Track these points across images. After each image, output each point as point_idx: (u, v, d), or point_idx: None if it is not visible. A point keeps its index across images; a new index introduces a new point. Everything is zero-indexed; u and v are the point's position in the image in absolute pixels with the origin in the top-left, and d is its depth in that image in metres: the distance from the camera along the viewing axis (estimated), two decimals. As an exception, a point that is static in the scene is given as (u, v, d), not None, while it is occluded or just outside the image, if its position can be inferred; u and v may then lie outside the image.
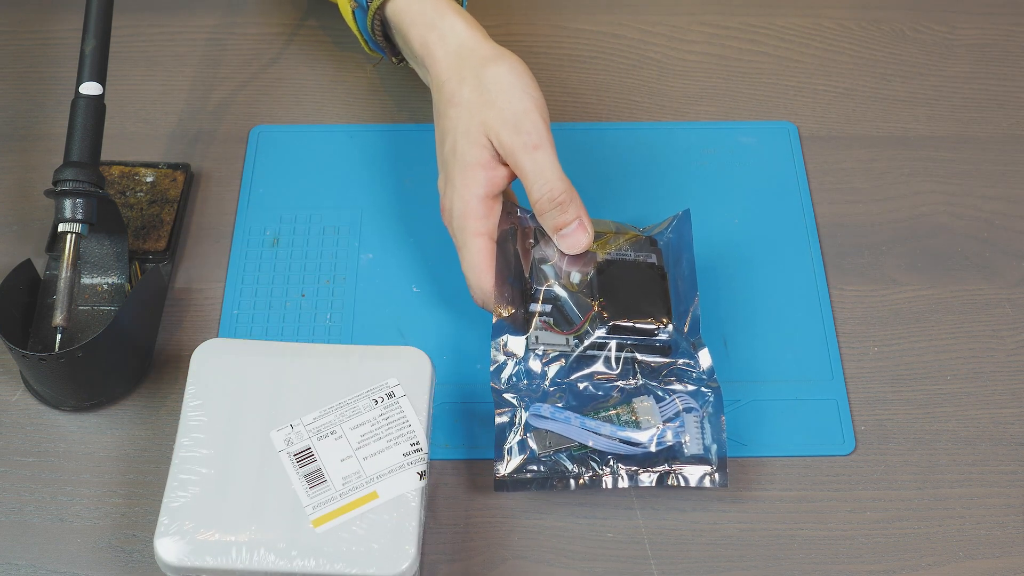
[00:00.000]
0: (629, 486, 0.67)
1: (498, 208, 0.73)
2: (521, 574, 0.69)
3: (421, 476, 0.66)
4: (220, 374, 0.69)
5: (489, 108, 0.72)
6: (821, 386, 0.75)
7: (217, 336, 0.77)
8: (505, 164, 0.72)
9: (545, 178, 0.70)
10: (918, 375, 0.76)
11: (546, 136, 0.71)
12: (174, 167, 0.83)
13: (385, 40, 0.81)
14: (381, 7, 0.78)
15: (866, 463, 0.72)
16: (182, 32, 0.93)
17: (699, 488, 0.68)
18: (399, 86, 0.90)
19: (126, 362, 0.74)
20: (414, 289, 0.79)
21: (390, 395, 0.68)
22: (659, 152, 0.86)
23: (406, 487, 0.66)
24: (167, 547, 0.63)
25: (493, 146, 0.72)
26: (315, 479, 0.65)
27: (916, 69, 0.92)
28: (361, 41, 0.83)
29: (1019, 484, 0.72)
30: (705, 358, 0.70)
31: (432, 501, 0.71)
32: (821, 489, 0.71)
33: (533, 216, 0.73)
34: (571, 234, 0.71)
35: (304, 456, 0.66)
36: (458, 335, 0.76)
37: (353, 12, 0.81)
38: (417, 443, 0.67)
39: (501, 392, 0.69)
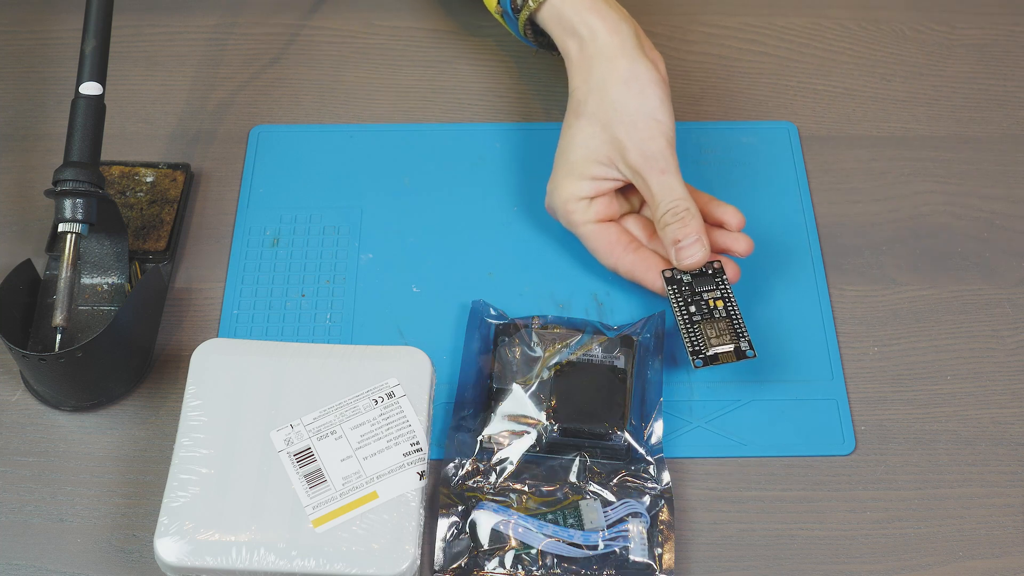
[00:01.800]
0: None
1: (607, 200, 0.76)
2: (521, 574, 0.69)
3: (421, 476, 0.66)
4: (220, 374, 0.69)
5: (614, 129, 0.74)
6: (821, 386, 0.75)
7: (217, 336, 0.77)
8: (619, 180, 0.75)
9: (673, 195, 0.73)
10: (918, 375, 0.76)
11: (673, 163, 0.74)
12: (174, 167, 0.83)
13: (543, 37, 0.82)
14: (531, 18, 0.79)
15: (866, 463, 0.72)
16: (182, 32, 0.93)
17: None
18: (398, 86, 0.90)
19: (126, 362, 0.74)
20: (414, 289, 0.79)
21: (390, 395, 0.68)
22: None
23: (406, 487, 0.66)
24: (167, 547, 0.63)
25: (614, 163, 0.75)
26: (315, 479, 0.66)
27: (916, 69, 0.92)
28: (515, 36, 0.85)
29: (1019, 484, 0.72)
30: (663, 475, 0.69)
31: (432, 501, 0.71)
32: (821, 489, 0.71)
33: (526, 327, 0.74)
34: (688, 246, 0.73)
35: (304, 456, 0.66)
36: (458, 335, 0.76)
37: (502, 16, 0.82)
38: (417, 443, 0.67)
39: (451, 491, 0.69)
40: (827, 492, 0.71)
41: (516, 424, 0.70)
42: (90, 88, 0.73)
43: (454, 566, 0.66)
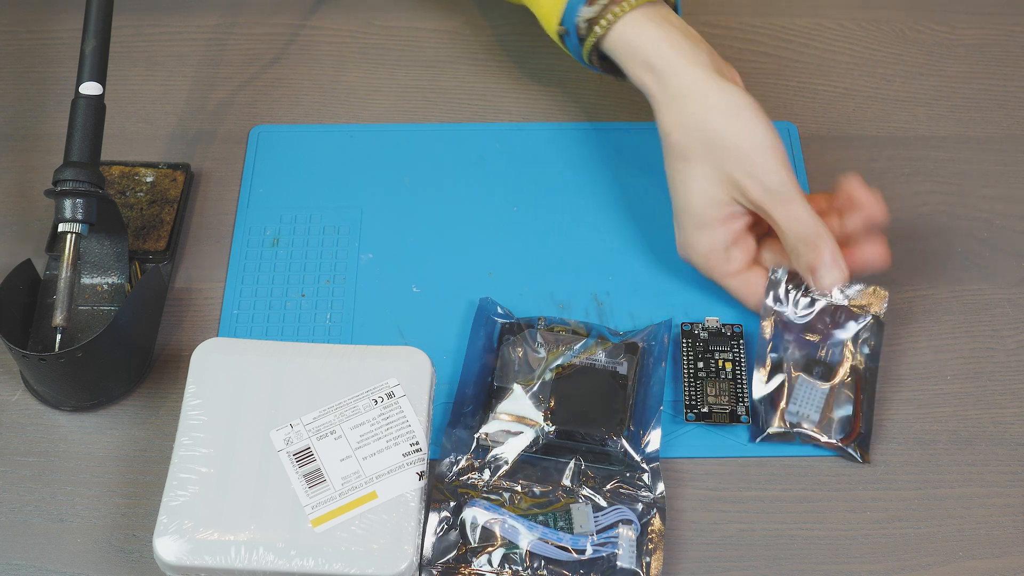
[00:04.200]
0: None
1: (744, 242, 0.74)
2: (521, 574, 0.69)
3: (420, 476, 0.66)
4: (220, 374, 0.69)
5: (727, 163, 0.71)
6: (821, 386, 0.75)
7: (217, 336, 0.76)
8: (746, 212, 0.73)
9: (800, 224, 0.71)
10: (918, 375, 0.76)
11: (792, 186, 0.71)
12: (174, 167, 0.83)
13: (607, 61, 0.78)
14: (598, 43, 0.76)
15: (866, 463, 0.72)
16: (182, 32, 0.93)
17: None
18: (398, 86, 0.90)
19: (126, 362, 0.74)
20: (414, 289, 0.79)
21: (390, 395, 0.68)
22: (661, 153, 0.86)
23: (405, 487, 0.66)
24: (166, 546, 0.63)
25: (736, 201, 0.72)
26: (314, 479, 0.66)
27: (916, 69, 0.92)
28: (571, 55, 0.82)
29: (1019, 484, 0.72)
30: (658, 484, 0.69)
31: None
32: (821, 489, 0.71)
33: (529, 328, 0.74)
34: (824, 272, 0.71)
35: (303, 456, 0.66)
36: (458, 335, 0.76)
37: (562, 39, 0.79)
38: (416, 443, 0.67)
39: (444, 487, 0.69)
40: (827, 492, 0.71)
41: (515, 424, 0.70)
42: (90, 88, 0.73)
43: (442, 560, 0.66)
